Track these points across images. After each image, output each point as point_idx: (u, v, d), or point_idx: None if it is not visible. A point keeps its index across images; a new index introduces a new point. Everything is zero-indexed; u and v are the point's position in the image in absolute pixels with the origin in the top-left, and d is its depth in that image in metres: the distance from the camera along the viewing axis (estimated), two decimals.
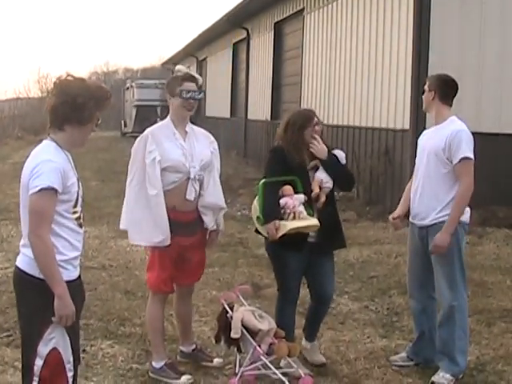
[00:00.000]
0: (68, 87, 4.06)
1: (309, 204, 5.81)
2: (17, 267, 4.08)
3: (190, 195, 5.76)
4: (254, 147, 25.14)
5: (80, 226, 4.16)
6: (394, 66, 13.91)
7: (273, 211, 5.70)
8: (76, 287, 4.12)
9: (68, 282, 4.00)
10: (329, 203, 5.99)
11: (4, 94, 74.75)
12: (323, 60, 18.47)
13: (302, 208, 5.71)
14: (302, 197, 5.75)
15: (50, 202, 3.92)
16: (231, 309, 5.51)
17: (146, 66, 77.09)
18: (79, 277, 4.23)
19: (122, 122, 46.46)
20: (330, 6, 18.00)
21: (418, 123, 12.84)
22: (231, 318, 5.44)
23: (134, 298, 8.07)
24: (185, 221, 5.73)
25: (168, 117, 5.92)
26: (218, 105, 31.18)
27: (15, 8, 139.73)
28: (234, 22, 27.44)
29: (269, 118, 23.55)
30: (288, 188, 5.75)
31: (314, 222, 5.74)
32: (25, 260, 4.02)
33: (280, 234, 5.66)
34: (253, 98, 26.50)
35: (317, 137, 5.88)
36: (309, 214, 5.77)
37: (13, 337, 6.64)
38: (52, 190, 3.90)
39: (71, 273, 4.10)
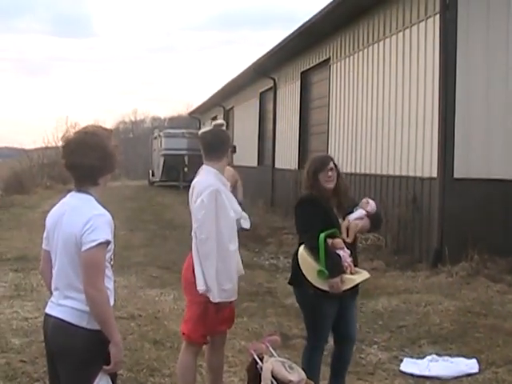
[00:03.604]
0: (91, 143, 4.08)
1: None
2: (59, 319, 4.05)
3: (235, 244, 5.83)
4: (282, 196, 25.15)
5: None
6: (421, 114, 13.94)
7: (339, 266, 5.74)
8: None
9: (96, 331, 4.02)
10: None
11: (33, 143, 75.67)
12: (350, 108, 18.56)
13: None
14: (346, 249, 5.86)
15: (104, 254, 3.98)
16: (261, 359, 5.48)
17: (173, 115, 77.76)
18: None
19: (150, 171, 46.77)
20: (355, 55, 18.14)
21: (446, 171, 12.85)
22: (261, 368, 5.40)
23: (163, 348, 8.05)
24: None
25: (212, 168, 5.90)
26: (245, 154, 31.29)
27: (43, 57, 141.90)
28: (260, 71, 27.70)
29: (296, 167, 23.60)
30: (340, 241, 5.83)
31: (367, 275, 5.94)
32: (68, 311, 4.03)
33: (346, 287, 5.75)
34: (280, 146, 26.60)
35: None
36: None
37: None
38: (107, 243, 3.97)
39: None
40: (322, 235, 5.70)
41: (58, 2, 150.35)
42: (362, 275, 5.90)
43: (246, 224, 5.91)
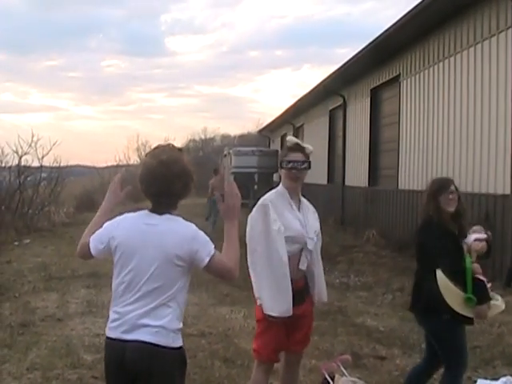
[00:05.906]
0: (176, 172, 4.05)
1: None
2: (143, 342, 3.90)
3: (303, 265, 5.71)
4: (352, 214, 25.03)
5: None
6: (494, 130, 13.73)
7: (487, 292, 5.64)
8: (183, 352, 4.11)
9: (180, 348, 4.01)
10: None
11: (105, 162, 77.01)
12: (420, 125, 18.40)
13: None
14: None
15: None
16: (332, 379, 5.43)
17: (242, 133, 77.93)
18: None
19: None
20: (426, 71, 17.99)
21: None
22: None
23: (233, 366, 8.02)
24: (295, 289, 5.60)
25: (281, 185, 5.87)
26: (315, 171, 31.23)
27: (113, 75, 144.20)
28: (330, 89, 27.65)
29: (366, 185, 23.48)
30: (478, 266, 5.65)
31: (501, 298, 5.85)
32: (152, 332, 3.91)
33: (492, 314, 5.70)
34: (350, 164, 26.50)
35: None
36: None
37: None
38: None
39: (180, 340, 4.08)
40: (469, 260, 5.57)
41: (129, 22, 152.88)
42: (501, 300, 5.78)
43: (311, 244, 5.87)
